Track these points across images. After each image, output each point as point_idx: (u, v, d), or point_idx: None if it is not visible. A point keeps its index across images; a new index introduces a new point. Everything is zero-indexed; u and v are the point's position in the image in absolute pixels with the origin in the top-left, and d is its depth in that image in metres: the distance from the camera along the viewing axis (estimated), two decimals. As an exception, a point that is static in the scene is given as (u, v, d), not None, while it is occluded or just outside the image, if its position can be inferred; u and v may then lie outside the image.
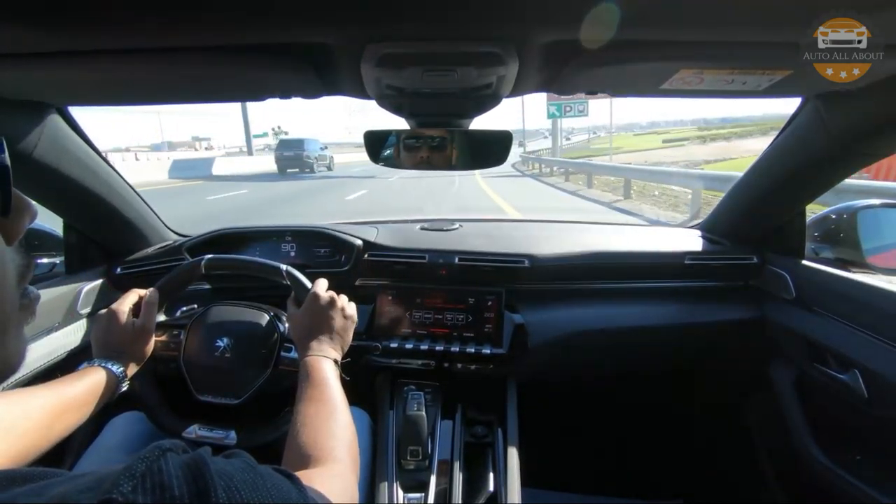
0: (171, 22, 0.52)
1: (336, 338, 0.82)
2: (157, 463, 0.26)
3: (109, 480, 0.25)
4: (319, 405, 0.66)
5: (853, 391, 0.91)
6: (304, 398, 0.68)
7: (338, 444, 0.60)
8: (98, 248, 1.21)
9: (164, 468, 0.26)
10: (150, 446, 0.28)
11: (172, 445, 0.28)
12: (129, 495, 0.24)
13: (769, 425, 1.22)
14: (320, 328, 0.81)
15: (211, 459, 0.28)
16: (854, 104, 0.80)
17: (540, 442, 1.25)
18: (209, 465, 0.27)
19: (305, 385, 0.71)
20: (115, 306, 0.84)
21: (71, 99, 0.90)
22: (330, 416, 0.65)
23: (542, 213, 7.16)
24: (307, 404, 0.67)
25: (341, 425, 0.64)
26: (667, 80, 0.69)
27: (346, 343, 0.84)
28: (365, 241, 1.25)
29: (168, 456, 0.27)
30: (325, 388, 0.70)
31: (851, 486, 0.92)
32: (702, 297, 1.25)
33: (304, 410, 0.65)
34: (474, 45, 0.58)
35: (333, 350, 0.80)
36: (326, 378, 0.72)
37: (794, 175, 1.02)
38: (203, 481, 0.26)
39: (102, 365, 0.77)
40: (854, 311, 0.94)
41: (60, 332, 1.03)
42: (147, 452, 0.27)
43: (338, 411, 0.67)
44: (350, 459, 0.60)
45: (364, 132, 0.85)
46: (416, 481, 0.99)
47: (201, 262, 0.94)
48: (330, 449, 0.59)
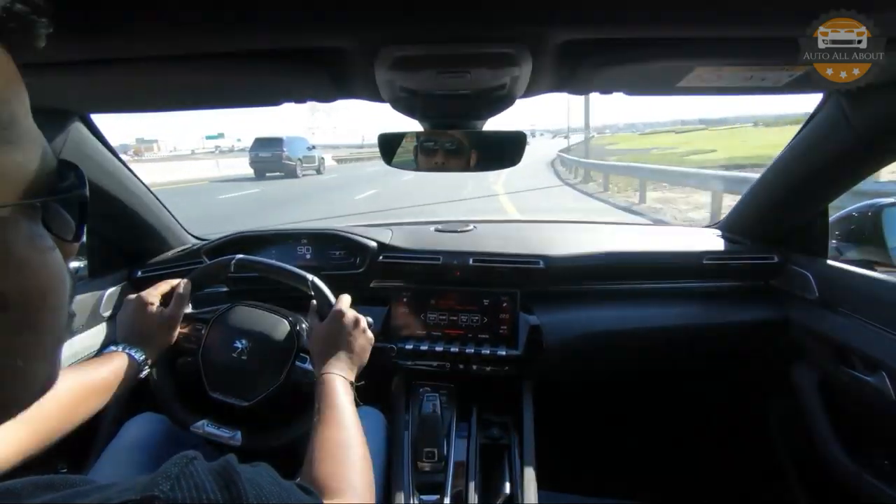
0: (189, 29, 0.53)
1: (355, 358, 0.82)
2: (188, 467, 0.28)
3: (145, 482, 0.26)
4: (337, 431, 0.67)
5: (881, 393, 0.88)
6: (321, 420, 0.68)
7: (354, 474, 0.61)
8: (119, 253, 1.23)
9: (196, 472, 0.28)
10: (178, 455, 0.29)
11: (196, 455, 0.30)
12: (168, 493, 0.27)
13: (792, 429, 1.20)
14: (340, 346, 0.81)
15: (240, 467, 0.30)
16: (880, 99, 0.78)
17: (556, 444, 1.24)
18: (240, 473, 0.29)
19: (322, 405, 0.71)
20: (146, 294, 0.86)
21: (93, 107, 0.93)
22: (346, 444, 0.65)
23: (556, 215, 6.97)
24: (325, 427, 0.67)
25: (357, 453, 0.65)
26: (683, 79, 0.69)
27: (363, 364, 0.85)
28: (379, 243, 1.26)
29: (196, 462, 0.29)
30: (342, 411, 0.70)
31: (879, 491, 0.89)
32: (721, 298, 1.23)
33: (323, 434, 0.66)
34: (488, 45, 0.58)
35: (350, 370, 0.80)
36: (342, 400, 0.72)
37: (817, 172, 0.99)
38: (235, 487, 0.29)
39: (126, 350, 0.79)
40: (881, 311, 0.92)
41: (84, 335, 1.05)
42: (177, 459, 0.29)
43: (352, 438, 0.67)
44: (365, 489, 0.61)
45: (378, 134, 0.86)
46: (432, 483, 0.99)
47: (231, 261, 0.96)
48: (347, 479, 0.59)
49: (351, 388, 0.77)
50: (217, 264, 0.98)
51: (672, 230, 1.41)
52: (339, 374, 0.77)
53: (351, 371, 0.80)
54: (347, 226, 1.37)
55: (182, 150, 63.65)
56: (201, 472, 0.28)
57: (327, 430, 0.66)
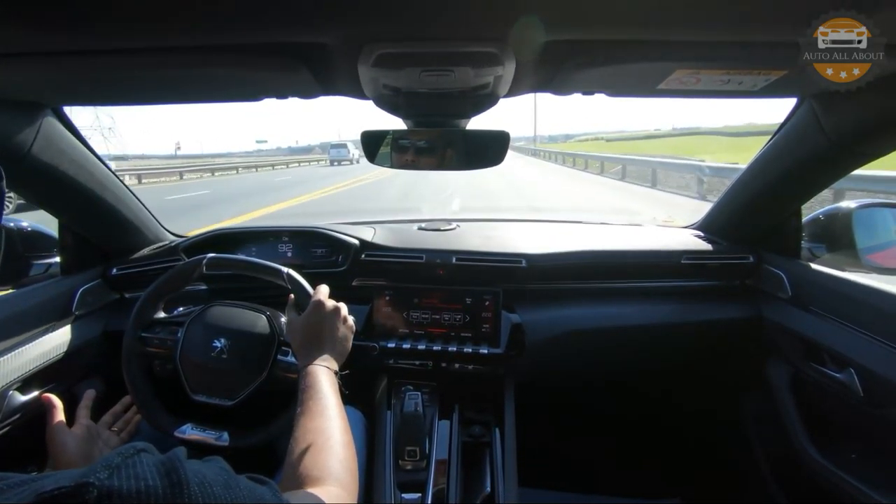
0: (165, 21, 0.52)
1: (338, 347, 0.81)
2: (132, 458, 0.27)
3: (83, 470, 0.26)
4: (320, 420, 0.66)
5: (849, 390, 0.91)
6: (304, 411, 0.67)
7: (337, 463, 0.60)
8: (94, 249, 1.20)
9: (139, 462, 0.27)
10: (125, 446, 0.29)
11: (146, 447, 0.29)
12: (104, 481, 0.26)
13: (765, 424, 1.23)
14: (322, 337, 0.80)
15: (186, 460, 0.29)
16: (850, 104, 0.81)
17: (537, 441, 1.25)
18: (183, 464, 0.28)
19: (305, 396, 0.70)
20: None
21: (65, 99, 0.90)
22: (330, 434, 0.64)
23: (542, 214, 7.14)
24: (308, 418, 0.66)
25: (341, 443, 0.64)
26: (663, 81, 0.70)
27: (346, 353, 0.84)
28: (362, 241, 1.25)
29: (142, 454, 0.28)
30: (326, 402, 0.69)
31: (847, 483, 0.92)
32: (698, 297, 1.25)
33: (305, 425, 0.65)
34: (472, 45, 0.58)
35: (334, 360, 0.79)
36: (327, 390, 0.71)
37: (790, 175, 1.02)
38: (177, 476, 0.27)
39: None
40: (850, 310, 0.95)
41: (56, 334, 1.02)
42: (123, 449, 0.28)
43: (338, 429, 0.66)
44: (349, 479, 0.60)
45: (361, 132, 0.85)
46: (414, 481, 0.99)
47: (202, 262, 0.94)
48: (329, 469, 0.58)
49: (335, 378, 0.76)
50: (188, 265, 0.96)
51: (652, 230, 1.43)
52: (323, 365, 0.75)
53: (334, 361, 0.79)
54: (329, 223, 1.36)
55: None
56: (144, 462, 0.27)
57: (310, 420, 0.65)
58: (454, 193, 9.56)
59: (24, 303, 1.00)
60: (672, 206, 7.96)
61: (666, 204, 8.43)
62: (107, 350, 1.11)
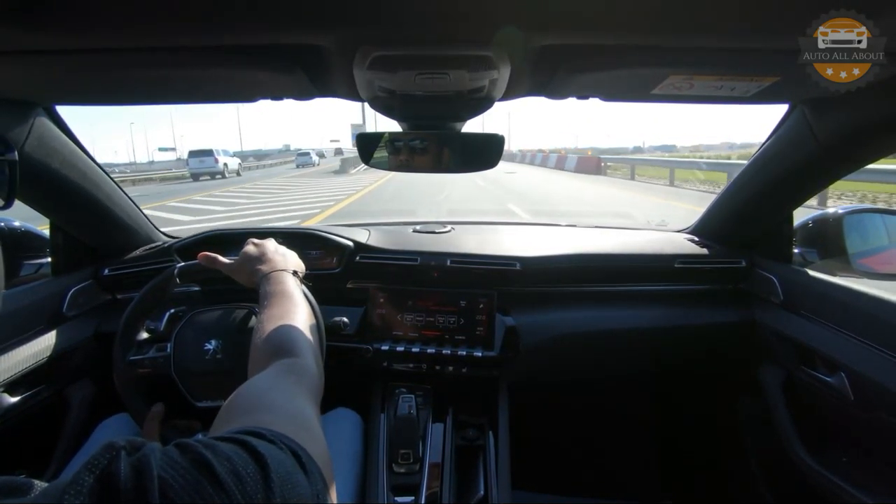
0: (159, 21, 0.52)
1: (280, 258, 0.81)
2: (114, 464, 0.26)
3: (62, 486, 0.25)
4: (282, 302, 0.67)
5: (840, 393, 0.92)
6: (265, 304, 0.68)
7: (298, 333, 0.61)
8: (85, 250, 1.19)
9: (115, 468, 0.26)
10: (103, 444, 0.28)
11: (127, 444, 0.28)
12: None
13: (758, 427, 1.23)
14: (260, 257, 0.80)
15: (156, 463, 0.27)
16: (841, 110, 0.81)
17: (531, 444, 1.25)
18: (153, 469, 0.27)
19: (266, 293, 0.70)
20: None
21: (58, 98, 0.89)
22: (292, 313, 0.65)
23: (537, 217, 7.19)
24: (269, 307, 0.67)
25: (301, 318, 0.65)
26: (657, 86, 0.70)
27: (297, 261, 0.84)
28: (357, 243, 1.25)
29: (121, 454, 0.27)
30: (287, 293, 0.70)
31: (837, 486, 0.93)
32: (691, 301, 1.26)
33: (267, 312, 0.66)
34: (467, 48, 0.58)
35: (287, 264, 0.79)
36: (288, 284, 0.72)
37: (782, 180, 1.03)
38: (142, 482, 0.26)
39: None
40: (841, 315, 0.95)
41: (47, 335, 1.01)
42: (103, 450, 0.27)
43: (299, 307, 0.67)
44: (310, 350, 0.61)
45: (357, 134, 0.85)
46: (407, 484, 0.99)
47: (174, 273, 0.94)
48: (293, 339, 0.60)
49: (297, 277, 0.76)
50: (160, 281, 0.95)
51: (646, 234, 1.44)
52: (281, 269, 0.75)
53: (289, 264, 0.79)
54: (324, 225, 1.35)
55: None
56: (122, 467, 0.26)
57: (272, 308, 0.66)
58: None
59: (14, 304, 0.99)
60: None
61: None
62: (99, 351, 1.10)
